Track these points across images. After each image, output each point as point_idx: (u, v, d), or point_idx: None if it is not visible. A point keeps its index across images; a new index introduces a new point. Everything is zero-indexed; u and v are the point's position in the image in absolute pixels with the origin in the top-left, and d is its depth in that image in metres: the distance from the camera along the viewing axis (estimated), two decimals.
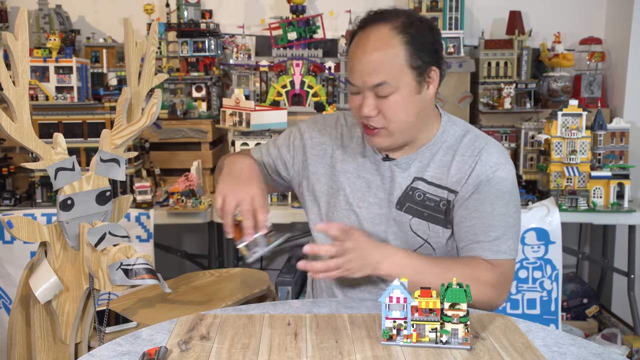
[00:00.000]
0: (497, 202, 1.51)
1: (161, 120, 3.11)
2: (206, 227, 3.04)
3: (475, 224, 1.51)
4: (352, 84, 1.49)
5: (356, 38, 1.49)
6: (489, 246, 1.50)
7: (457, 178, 1.54)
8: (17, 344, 1.55)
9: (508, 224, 1.52)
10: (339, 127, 1.68)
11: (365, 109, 1.46)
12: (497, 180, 1.52)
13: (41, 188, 2.84)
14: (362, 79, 1.45)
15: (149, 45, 1.60)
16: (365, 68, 1.45)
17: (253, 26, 3.47)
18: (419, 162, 1.57)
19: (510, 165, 1.56)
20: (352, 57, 1.48)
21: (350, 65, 1.48)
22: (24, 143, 1.41)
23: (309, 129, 1.70)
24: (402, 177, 1.57)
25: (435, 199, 1.54)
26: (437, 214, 1.55)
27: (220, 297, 1.91)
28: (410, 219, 1.56)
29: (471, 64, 3.19)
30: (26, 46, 1.38)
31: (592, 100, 3.29)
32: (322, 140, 1.67)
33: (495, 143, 1.58)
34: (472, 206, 1.52)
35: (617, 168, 2.90)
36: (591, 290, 3.28)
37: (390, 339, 1.23)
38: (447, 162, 1.56)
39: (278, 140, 1.74)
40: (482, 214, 1.51)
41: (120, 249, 1.39)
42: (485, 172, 1.52)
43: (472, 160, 1.53)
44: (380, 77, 1.44)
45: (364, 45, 1.45)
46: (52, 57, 2.91)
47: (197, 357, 1.18)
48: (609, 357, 1.20)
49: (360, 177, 1.61)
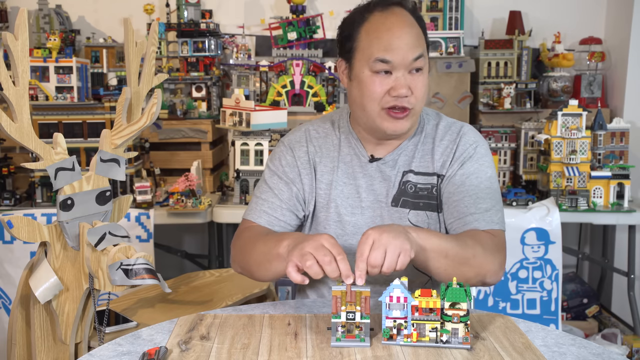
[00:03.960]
0: (482, 175, 1.54)
1: (161, 120, 3.11)
2: (206, 227, 3.04)
3: (464, 197, 1.51)
4: (388, 61, 1.45)
5: (377, 18, 1.48)
6: (482, 217, 1.49)
7: (442, 162, 1.57)
8: (17, 344, 1.55)
9: (495, 197, 1.53)
10: (309, 144, 1.62)
11: (402, 88, 1.45)
12: (478, 156, 1.56)
13: (41, 188, 2.84)
14: (403, 53, 1.44)
15: (149, 45, 1.60)
16: (408, 42, 1.45)
17: (253, 26, 3.47)
18: (405, 155, 1.58)
19: (486, 143, 1.61)
20: (386, 35, 1.45)
21: (385, 43, 1.45)
22: (24, 143, 1.41)
23: (283, 161, 1.61)
24: (393, 174, 1.57)
25: (427, 187, 1.57)
26: (432, 201, 1.57)
27: (220, 297, 1.91)
28: (408, 212, 1.56)
29: (471, 64, 3.19)
30: (26, 46, 1.38)
31: (592, 100, 3.29)
32: (301, 163, 1.60)
33: (469, 125, 1.63)
34: (459, 181, 1.54)
35: (617, 168, 2.90)
36: (591, 290, 3.28)
37: (391, 339, 1.23)
38: (429, 150, 1.58)
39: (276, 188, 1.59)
40: (470, 188, 1.52)
41: (120, 249, 1.39)
42: (467, 149, 1.55)
43: (454, 143, 1.57)
44: (420, 49, 1.47)
45: (400, 23, 1.46)
46: (52, 57, 2.91)
47: (197, 357, 1.18)
48: (609, 357, 1.20)
49: (347, 185, 1.59)
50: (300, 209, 1.60)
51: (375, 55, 1.45)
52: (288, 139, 1.65)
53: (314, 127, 1.65)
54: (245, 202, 2.83)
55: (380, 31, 1.46)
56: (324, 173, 1.60)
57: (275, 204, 1.57)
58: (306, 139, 1.63)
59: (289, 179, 1.59)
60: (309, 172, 1.60)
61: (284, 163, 1.61)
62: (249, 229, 1.57)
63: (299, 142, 1.63)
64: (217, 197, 3.02)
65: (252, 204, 1.61)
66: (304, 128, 1.66)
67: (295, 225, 1.61)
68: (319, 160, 1.61)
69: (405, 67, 1.46)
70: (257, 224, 1.57)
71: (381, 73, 1.47)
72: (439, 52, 3.20)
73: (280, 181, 1.59)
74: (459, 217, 1.51)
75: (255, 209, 1.59)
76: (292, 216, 1.59)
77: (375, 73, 1.47)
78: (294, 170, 1.60)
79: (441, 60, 3.17)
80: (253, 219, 1.58)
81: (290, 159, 1.61)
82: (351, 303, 1.22)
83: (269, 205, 1.57)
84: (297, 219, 1.60)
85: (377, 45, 1.46)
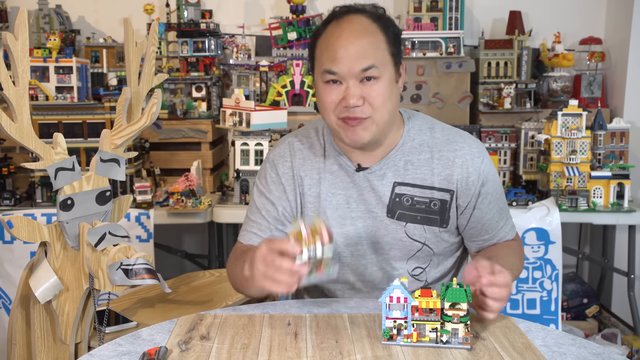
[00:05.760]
0: (497, 186, 1.60)
1: (161, 120, 3.11)
2: (206, 227, 3.04)
3: (494, 214, 1.58)
4: (335, 73, 1.42)
5: (330, 29, 1.45)
6: (507, 228, 1.63)
7: (445, 175, 1.53)
8: (17, 344, 1.55)
9: (506, 203, 1.65)
10: (293, 158, 1.61)
11: (352, 98, 1.41)
12: (488, 168, 1.57)
13: (41, 188, 2.84)
14: (349, 64, 1.40)
15: (149, 45, 1.60)
16: (353, 53, 1.40)
17: (253, 26, 3.47)
18: (394, 165, 1.54)
19: (484, 147, 1.61)
20: (333, 45, 1.42)
21: (331, 54, 1.42)
22: (24, 143, 1.41)
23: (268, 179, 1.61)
24: (381, 184, 1.54)
25: (425, 200, 1.53)
26: (431, 215, 1.54)
27: (220, 297, 1.91)
28: (405, 225, 1.54)
29: (471, 64, 3.19)
30: (26, 46, 1.38)
31: (592, 100, 3.29)
32: (285, 179, 1.60)
33: (465, 133, 1.60)
34: (486, 199, 1.56)
35: (617, 168, 2.90)
36: (591, 290, 3.28)
37: (391, 339, 1.23)
38: (427, 160, 1.54)
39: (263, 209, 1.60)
40: (495, 203, 1.58)
41: (120, 249, 1.39)
42: (478, 165, 1.54)
43: (454, 155, 1.53)
44: (369, 60, 1.41)
45: (348, 32, 1.42)
46: (52, 57, 2.91)
47: (197, 357, 1.18)
48: (609, 357, 1.20)
49: (336, 195, 1.57)
50: (289, 225, 1.60)
51: (323, 66, 1.45)
52: (272, 154, 1.64)
53: (298, 139, 1.63)
54: (245, 202, 2.84)
55: (330, 41, 1.44)
56: (311, 186, 1.58)
57: (263, 225, 1.60)
58: (290, 153, 1.62)
59: (274, 197, 1.60)
60: (293, 188, 1.59)
61: (269, 181, 1.61)
62: (238, 251, 1.61)
63: (282, 157, 1.62)
64: (217, 197, 3.02)
65: (243, 225, 1.65)
66: (287, 140, 1.64)
67: None
68: (305, 174, 1.59)
69: (355, 77, 1.42)
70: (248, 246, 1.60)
71: (331, 83, 1.44)
72: (439, 52, 3.20)
73: (266, 201, 1.60)
74: (493, 233, 1.60)
75: (246, 230, 1.63)
76: (281, 235, 1.59)
77: (326, 83, 1.45)
78: (279, 188, 1.60)
79: (441, 60, 3.17)
80: (244, 242, 1.62)
81: (275, 176, 1.61)
82: (309, 239, 1.24)
83: (257, 227, 1.61)
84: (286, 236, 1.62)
85: (326, 55, 1.44)
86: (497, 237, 1.60)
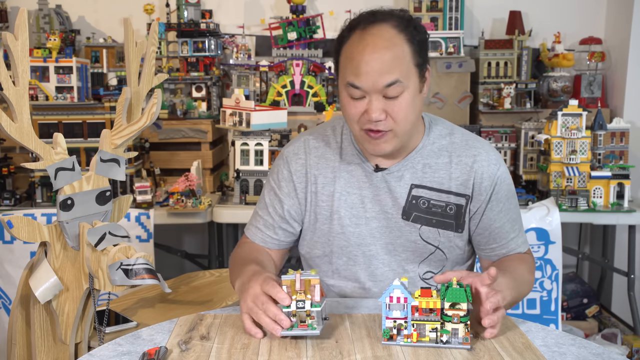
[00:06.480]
0: (511, 196, 1.58)
1: (161, 120, 3.11)
2: (206, 227, 3.04)
3: (505, 223, 1.56)
4: (358, 87, 1.40)
5: (355, 38, 1.43)
6: (519, 240, 1.60)
7: (462, 180, 1.53)
8: (17, 344, 1.55)
9: (519, 214, 1.62)
10: (307, 156, 1.60)
11: (374, 113, 1.39)
12: (504, 176, 1.55)
13: (41, 188, 2.84)
14: (373, 80, 1.38)
15: (149, 45, 1.60)
16: (377, 68, 1.38)
17: (253, 26, 3.47)
18: (412, 168, 1.54)
19: (500, 156, 1.61)
20: (356, 58, 1.40)
21: (355, 68, 1.40)
22: (24, 143, 1.41)
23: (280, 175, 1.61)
24: (399, 185, 1.53)
25: (441, 204, 1.53)
26: (447, 219, 1.53)
27: (220, 297, 1.91)
28: (420, 227, 1.54)
29: (471, 64, 3.19)
30: (26, 46, 1.38)
31: (592, 100, 3.29)
32: (297, 177, 1.60)
33: (483, 140, 1.61)
34: (496, 207, 1.54)
35: (617, 168, 2.91)
36: (591, 290, 3.28)
37: (391, 339, 1.23)
38: (445, 164, 1.54)
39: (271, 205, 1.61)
40: (506, 212, 1.56)
41: (120, 249, 1.39)
42: (494, 171, 1.53)
43: (472, 160, 1.53)
44: (393, 76, 1.38)
45: (372, 47, 1.39)
46: (52, 57, 2.91)
47: (197, 357, 1.18)
48: (609, 357, 1.20)
49: (351, 194, 1.56)
50: (296, 224, 1.61)
51: (347, 79, 1.43)
52: (287, 150, 1.64)
53: (314, 137, 1.63)
54: (245, 202, 2.84)
55: (353, 54, 1.41)
56: (325, 185, 1.58)
57: (268, 222, 1.61)
58: (305, 151, 1.61)
59: (284, 194, 1.60)
60: (304, 186, 1.59)
61: (280, 177, 1.61)
62: (243, 245, 1.64)
63: (296, 155, 1.61)
64: (217, 197, 3.02)
65: (251, 219, 1.67)
66: (303, 138, 1.63)
67: (289, 241, 1.64)
68: (319, 173, 1.58)
69: (378, 92, 1.40)
70: (252, 241, 1.64)
71: (356, 96, 1.43)
72: (439, 52, 3.21)
73: (275, 198, 1.61)
74: (503, 242, 1.58)
75: (252, 224, 1.65)
76: (286, 233, 1.62)
77: (350, 94, 1.44)
78: (289, 185, 1.60)
79: (441, 60, 3.17)
80: (249, 236, 1.65)
81: (287, 173, 1.60)
82: (301, 292, 1.23)
83: (263, 223, 1.62)
84: (291, 235, 1.63)
85: (350, 68, 1.42)
86: (507, 248, 1.58)
